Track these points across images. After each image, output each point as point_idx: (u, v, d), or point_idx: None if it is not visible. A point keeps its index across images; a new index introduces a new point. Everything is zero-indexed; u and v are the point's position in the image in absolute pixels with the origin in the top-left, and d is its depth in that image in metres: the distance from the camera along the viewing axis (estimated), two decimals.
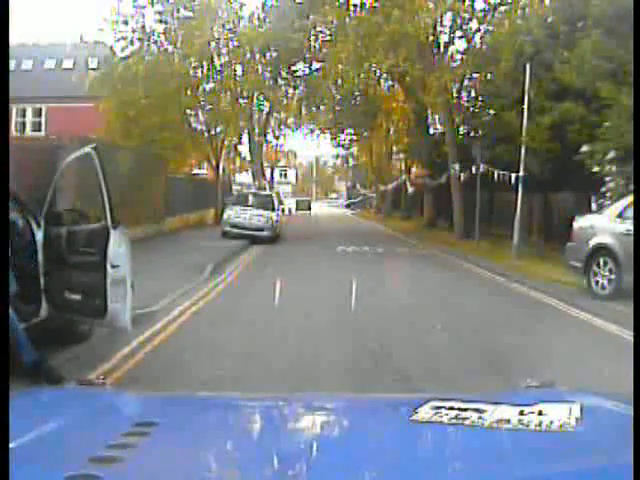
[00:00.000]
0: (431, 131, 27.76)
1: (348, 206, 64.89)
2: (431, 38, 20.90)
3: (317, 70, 24.89)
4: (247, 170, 40.39)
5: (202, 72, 24.59)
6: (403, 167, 39.70)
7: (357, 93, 28.23)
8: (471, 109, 23.24)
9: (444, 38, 21.79)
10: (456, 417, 1.42)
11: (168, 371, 5.61)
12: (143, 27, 23.15)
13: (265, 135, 36.11)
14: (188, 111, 24.70)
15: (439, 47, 21.67)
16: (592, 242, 10.37)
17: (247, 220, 20.16)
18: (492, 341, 7.17)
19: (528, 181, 16.25)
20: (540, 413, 1.44)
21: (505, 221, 18.89)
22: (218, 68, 24.71)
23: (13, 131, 25.67)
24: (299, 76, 26.44)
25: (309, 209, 53.01)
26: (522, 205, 16.28)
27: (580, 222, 11.14)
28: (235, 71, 25.22)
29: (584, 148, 14.02)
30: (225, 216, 20.72)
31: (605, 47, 13.76)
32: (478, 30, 21.54)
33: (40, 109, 28.29)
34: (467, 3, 20.68)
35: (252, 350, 6.46)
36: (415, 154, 29.71)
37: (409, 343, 7.06)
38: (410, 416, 1.44)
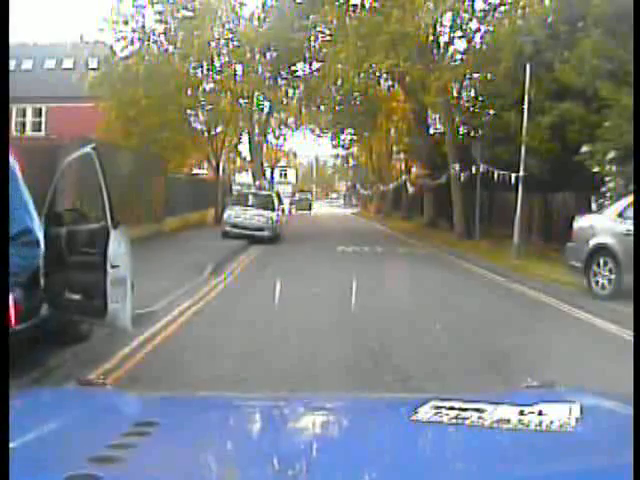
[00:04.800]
0: (431, 131, 27.76)
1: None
2: (431, 38, 20.91)
3: (317, 70, 24.89)
4: (247, 170, 40.42)
5: (202, 72, 24.60)
6: (403, 167, 39.71)
7: (357, 93, 28.22)
8: (471, 109, 23.24)
9: (444, 38, 21.80)
10: (456, 417, 1.42)
11: (168, 371, 5.61)
12: (143, 27, 23.17)
13: (265, 135, 36.13)
14: (188, 111, 24.69)
15: (439, 47, 21.67)
16: (592, 242, 10.37)
17: (247, 220, 20.17)
18: (492, 341, 7.17)
19: (528, 181, 16.25)
20: (540, 413, 1.44)
21: (505, 221, 18.89)
22: (218, 68, 24.72)
23: (13, 131, 25.65)
24: (299, 76, 26.44)
25: (309, 209, 52.64)
26: (522, 205, 16.28)
27: (580, 222, 11.14)
28: (235, 71, 25.24)
29: (584, 148, 14.02)
30: (225, 216, 20.72)
31: (605, 47, 13.75)
32: (478, 30, 21.54)
33: (40, 109, 28.29)
34: (467, 3, 20.69)
35: (252, 350, 6.46)
36: (415, 154, 29.72)
37: (409, 343, 7.06)
38: (410, 416, 1.44)
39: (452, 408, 1.47)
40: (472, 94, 23.61)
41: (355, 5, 22.42)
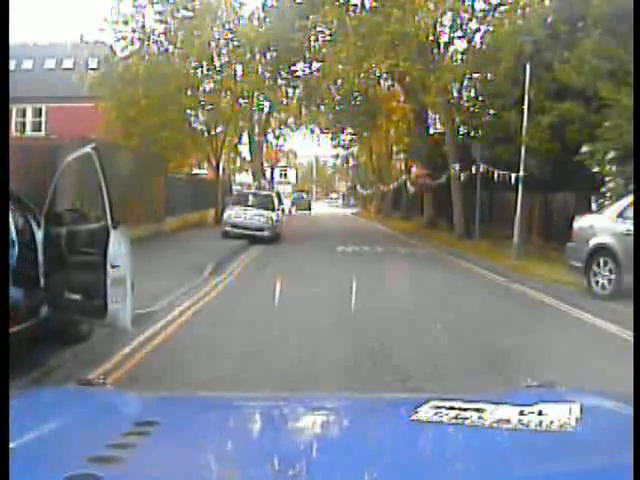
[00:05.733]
0: (431, 131, 27.75)
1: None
2: (431, 38, 20.91)
3: (317, 70, 24.89)
4: (247, 170, 40.42)
5: (202, 72, 24.59)
6: (403, 167, 39.71)
7: (357, 93, 28.22)
8: (471, 109, 23.24)
9: (444, 38, 21.80)
10: (456, 417, 1.42)
11: (168, 371, 5.61)
12: (143, 27, 23.15)
13: (265, 135, 36.12)
14: (188, 111, 24.69)
15: (439, 47, 21.67)
16: (592, 242, 10.37)
17: (247, 220, 20.17)
18: (492, 341, 7.17)
19: (528, 181, 16.25)
20: (540, 413, 1.44)
21: (505, 221, 18.89)
22: (218, 68, 24.71)
23: (13, 131, 25.64)
24: (299, 76, 26.44)
25: (309, 209, 52.46)
26: (522, 205, 16.28)
27: (580, 222, 11.14)
28: (235, 71, 25.23)
29: (584, 148, 14.01)
30: (225, 216, 20.71)
31: (605, 47, 13.75)
32: (478, 30, 21.55)
33: (40, 109, 28.27)
34: (467, 3, 20.69)
35: (252, 350, 6.46)
36: (415, 154, 29.70)
37: (409, 343, 7.06)
38: (410, 416, 1.44)
39: (452, 408, 1.47)
40: (472, 94, 23.60)
41: (355, 5, 22.43)
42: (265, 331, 7.36)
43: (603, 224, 10.40)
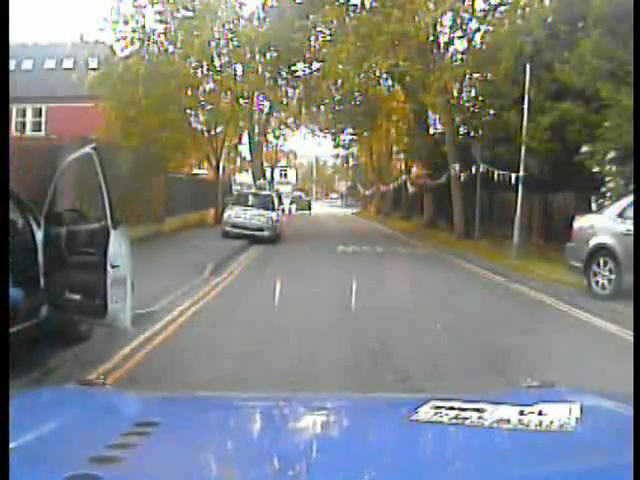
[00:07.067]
0: (431, 131, 27.75)
1: None
2: (431, 38, 20.91)
3: (317, 70, 24.89)
4: (247, 170, 40.41)
5: (202, 72, 24.59)
6: (403, 167, 39.71)
7: (357, 93, 28.22)
8: (471, 109, 23.24)
9: (444, 38, 21.80)
10: (456, 417, 1.42)
11: (168, 371, 5.61)
12: (143, 27, 23.15)
13: (265, 135, 36.11)
14: (188, 111, 24.69)
15: (439, 47, 21.67)
16: (592, 242, 10.37)
17: (247, 220, 20.17)
18: (492, 341, 7.17)
19: (528, 181, 16.25)
20: (540, 413, 1.44)
21: (505, 221, 18.89)
22: (218, 68, 24.72)
23: (13, 131, 25.64)
24: (299, 76, 26.44)
25: (309, 209, 52.46)
26: (522, 205, 16.28)
27: (580, 222, 11.14)
28: (235, 71, 25.24)
29: (584, 148, 14.02)
30: (225, 216, 20.72)
31: (605, 47, 13.74)
32: (478, 30, 21.54)
33: (40, 109, 28.28)
34: (467, 3, 20.68)
35: (252, 350, 6.46)
36: (415, 154, 29.71)
37: (409, 343, 7.06)
38: (410, 416, 1.44)
39: (452, 408, 1.47)
40: (472, 94, 23.60)
41: (355, 5, 22.44)
42: (265, 331, 7.36)
43: (603, 224, 10.40)
